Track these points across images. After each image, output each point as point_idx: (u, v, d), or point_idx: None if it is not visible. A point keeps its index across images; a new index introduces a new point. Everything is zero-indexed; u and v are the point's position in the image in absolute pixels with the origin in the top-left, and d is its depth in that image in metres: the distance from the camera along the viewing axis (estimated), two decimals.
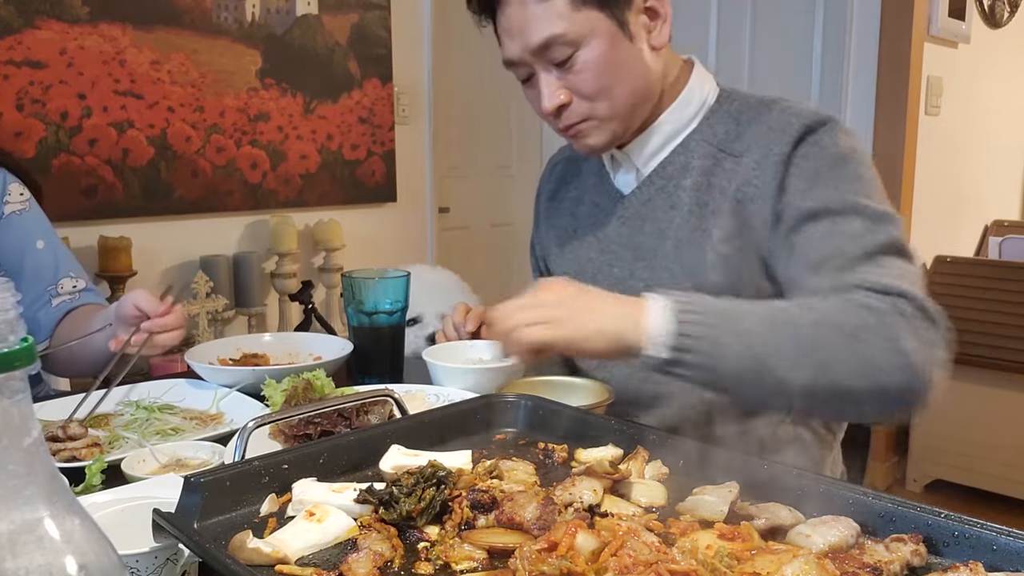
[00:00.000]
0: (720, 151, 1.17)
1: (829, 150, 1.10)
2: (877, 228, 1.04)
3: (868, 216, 1.05)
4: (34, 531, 0.41)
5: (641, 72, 1.15)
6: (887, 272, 1.00)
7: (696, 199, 1.17)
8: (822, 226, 1.06)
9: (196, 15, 2.77)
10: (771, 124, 1.14)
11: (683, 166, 1.20)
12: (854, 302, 0.96)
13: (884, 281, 0.98)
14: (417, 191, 3.52)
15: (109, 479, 0.90)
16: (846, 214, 1.06)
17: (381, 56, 3.28)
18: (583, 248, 1.31)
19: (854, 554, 0.66)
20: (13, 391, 0.42)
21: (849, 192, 1.07)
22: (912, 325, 0.96)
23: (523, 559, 0.63)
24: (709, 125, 1.20)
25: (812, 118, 1.12)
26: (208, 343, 1.45)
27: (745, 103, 1.20)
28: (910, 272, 1.02)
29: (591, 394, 1.13)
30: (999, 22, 3.65)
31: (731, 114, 1.19)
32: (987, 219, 3.88)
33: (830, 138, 1.11)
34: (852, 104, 3.24)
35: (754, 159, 1.13)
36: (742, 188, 1.13)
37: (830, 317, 0.95)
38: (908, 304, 0.97)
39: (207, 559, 0.64)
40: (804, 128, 1.11)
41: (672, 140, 1.22)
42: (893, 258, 1.03)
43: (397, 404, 0.99)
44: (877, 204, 1.07)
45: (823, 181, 1.09)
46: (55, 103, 2.49)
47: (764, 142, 1.13)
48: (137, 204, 2.70)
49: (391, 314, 1.37)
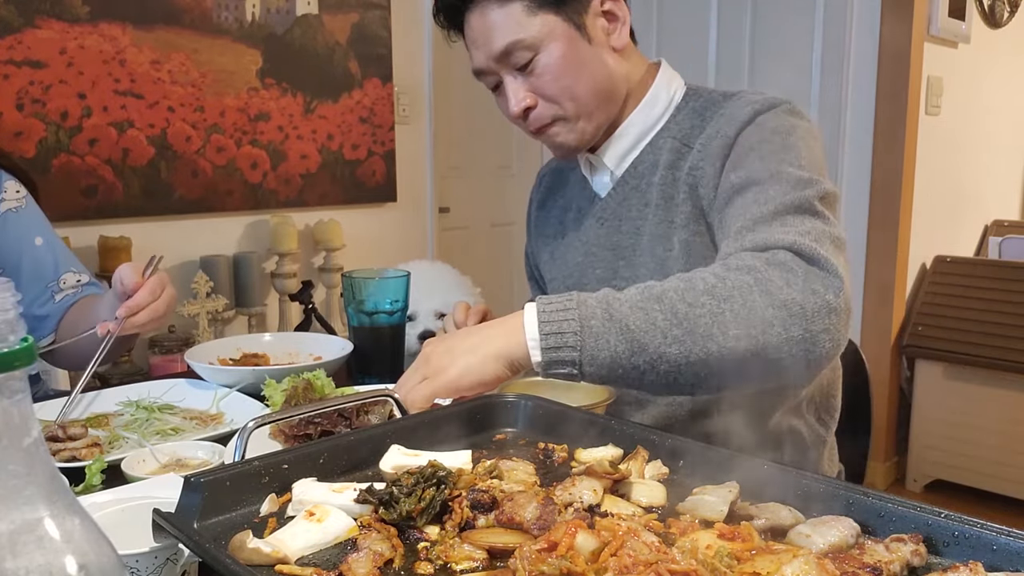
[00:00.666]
0: (683, 144, 1.20)
1: (767, 127, 1.11)
2: (791, 191, 1.01)
3: (788, 181, 1.03)
4: (34, 531, 0.41)
5: (602, 72, 1.18)
6: (785, 230, 0.96)
7: (662, 192, 1.20)
8: (745, 197, 1.06)
9: (196, 15, 2.77)
10: (726, 112, 1.16)
11: (652, 164, 1.23)
12: (731, 266, 0.94)
13: (772, 238, 0.95)
14: (417, 191, 3.52)
15: (109, 479, 0.90)
16: (767, 182, 1.04)
17: (381, 56, 3.28)
18: (570, 253, 1.34)
19: (854, 554, 0.66)
20: (13, 391, 0.42)
21: (774, 161, 1.06)
22: (793, 275, 0.92)
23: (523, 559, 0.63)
24: (676, 122, 1.23)
25: (763, 103, 1.13)
26: (208, 343, 1.45)
27: (709, 98, 1.22)
28: (815, 229, 0.97)
29: (591, 394, 1.13)
30: (999, 22, 3.65)
31: (696, 110, 1.22)
32: (987, 219, 3.89)
33: (774, 118, 1.12)
34: (852, 104, 3.24)
35: (702, 144, 1.16)
36: (691, 172, 1.17)
37: (700, 284, 0.92)
38: (788, 254, 0.94)
39: (207, 559, 0.64)
40: (753, 112, 1.13)
41: (641, 140, 1.25)
42: (800, 216, 0.99)
43: (397, 404, 0.99)
44: (801, 171, 1.04)
45: (753, 155, 1.09)
46: (55, 103, 2.49)
47: (715, 128, 1.16)
48: (137, 204, 2.70)
49: (391, 314, 1.37)
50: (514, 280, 4.17)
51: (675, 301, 0.91)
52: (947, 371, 3.26)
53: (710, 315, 0.90)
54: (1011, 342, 3.08)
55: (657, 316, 0.91)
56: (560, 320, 0.92)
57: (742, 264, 0.93)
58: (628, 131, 1.24)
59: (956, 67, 3.41)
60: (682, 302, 0.91)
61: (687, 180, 1.17)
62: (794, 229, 0.97)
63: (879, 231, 3.26)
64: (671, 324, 0.90)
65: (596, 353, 0.92)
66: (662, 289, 0.93)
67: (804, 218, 0.99)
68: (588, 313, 0.92)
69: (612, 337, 0.91)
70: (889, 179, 3.21)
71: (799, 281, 0.92)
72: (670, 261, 1.19)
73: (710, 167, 1.14)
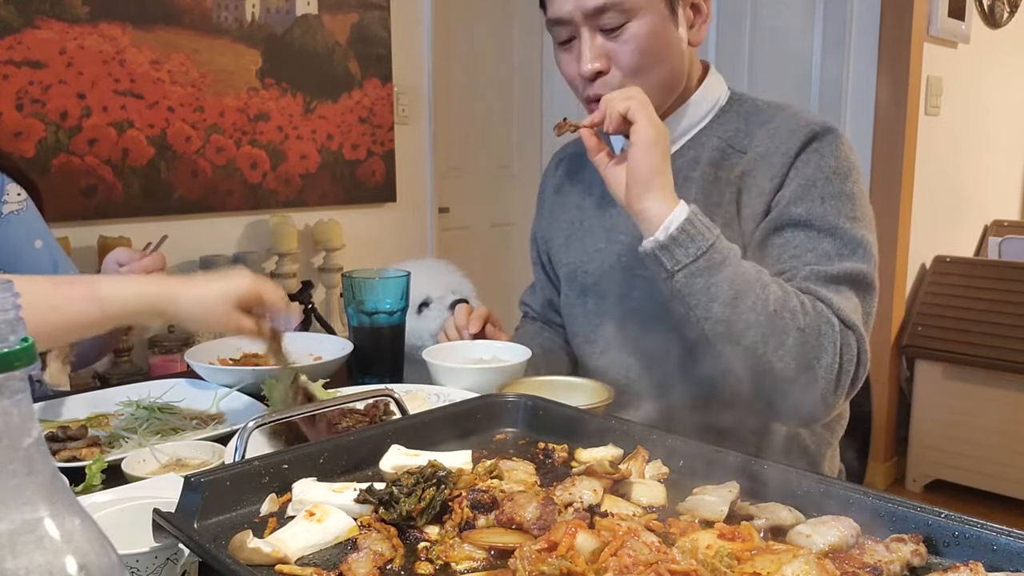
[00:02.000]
0: (729, 146, 1.22)
1: (828, 161, 1.15)
2: (846, 255, 1.11)
3: (843, 240, 1.11)
4: (34, 531, 0.41)
5: (678, 60, 1.19)
6: (845, 303, 1.08)
7: (702, 189, 1.21)
8: (799, 236, 1.13)
9: (196, 15, 2.77)
10: (779, 125, 1.19)
11: (693, 159, 1.24)
12: (818, 309, 1.05)
13: (844, 311, 1.06)
14: (417, 191, 3.52)
15: (109, 479, 0.90)
16: (824, 232, 1.12)
17: (381, 56, 3.28)
18: (589, 238, 1.34)
19: (854, 554, 0.66)
20: (13, 391, 0.42)
21: (833, 210, 1.13)
22: (847, 360, 1.05)
23: (523, 559, 0.63)
24: (720, 123, 1.25)
25: (819, 125, 1.17)
26: (208, 343, 1.45)
27: (755, 106, 1.25)
28: (861, 309, 1.10)
29: (591, 394, 1.13)
30: (999, 22, 3.65)
31: (741, 115, 1.24)
32: (987, 219, 3.88)
33: (831, 149, 1.16)
34: (852, 104, 3.24)
35: (758, 153, 1.18)
36: (743, 178, 1.18)
37: (794, 301, 1.04)
38: (855, 341, 1.06)
39: (207, 559, 0.64)
40: (811, 134, 1.16)
41: (685, 135, 1.26)
42: (851, 290, 1.10)
43: (397, 404, 0.99)
44: (856, 229, 1.13)
45: (814, 192, 1.14)
46: (55, 103, 2.49)
47: (771, 141, 1.18)
48: (137, 204, 2.70)
49: (391, 314, 1.37)
50: (514, 280, 4.17)
51: (770, 298, 1.03)
52: (947, 371, 3.25)
53: (781, 330, 1.02)
54: (1011, 342, 3.08)
55: (751, 297, 1.02)
56: (700, 231, 1.04)
57: (823, 314, 1.05)
58: (674, 124, 1.24)
59: (956, 67, 3.41)
60: (774, 303, 1.03)
61: (735, 183, 1.19)
62: (848, 305, 1.08)
63: (879, 231, 3.25)
64: (755, 311, 1.02)
65: (693, 277, 1.03)
66: (767, 281, 1.04)
67: (854, 293, 1.10)
68: (718, 246, 1.04)
69: (714, 278, 1.02)
70: (889, 179, 3.21)
71: (845, 368, 1.05)
72: None
73: (765, 181, 1.16)
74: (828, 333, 1.03)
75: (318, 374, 1.22)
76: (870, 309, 1.12)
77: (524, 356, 1.27)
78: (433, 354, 1.27)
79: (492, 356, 1.32)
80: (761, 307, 1.01)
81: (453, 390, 1.21)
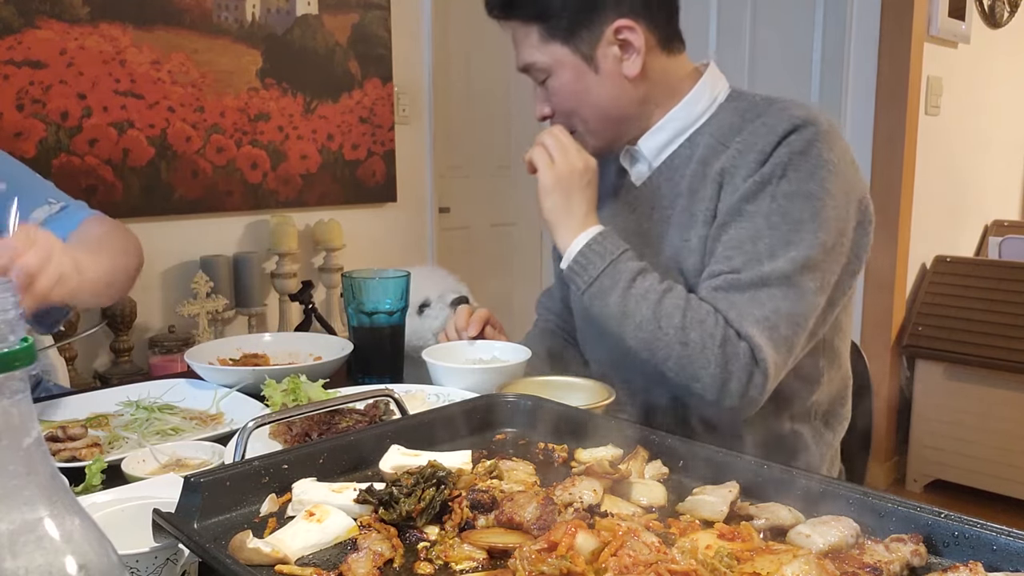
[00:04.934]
0: (719, 143, 1.24)
1: (795, 158, 1.15)
2: (779, 254, 1.13)
3: (781, 240, 1.13)
4: (34, 531, 0.41)
5: (607, 99, 1.25)
6: (756, 309, 1.12)
7: (691, 185, 1.24)
8: (741, 234, 1.16)
9: (196, 15, 2.77)
10: (765, 120, 1.20)
11: (687, 157, 1.26)
12: (708, 325, 1.11)
13: (744, 320, 1.11)
14: (417, 191, 3.52)
15: (109, 479, 0.90)
16: (765, 231, 1.14)
17: (381, 56, 3.28)
18: None
19: (854, 554, 0.66)
20: (13, 391, 0.42)
21: (781, 209, 1.14)
22: (737, 368, 1.11)
23: (523, 559, 0.63)
24: (716, 120, 1.26)
25: (801, 120, 1.17)
26: (208, 343, 1.45)
27: (751, 101, 1.26)
28: (782, 309, 1.12)
29: (591, 394, 1.13)
30: (999, 22, 3.65)
31: (737, 110, 1.25)
32: (987, 219, 3.88)
33: (804, 145, 1.16)
34: (852, 104, 3.24)
35: (738, 149, 1.20)
36: (723, 174, 1.21)
37: (677, 318, 1.13)
38: (746, 350, 1.11)
39: (207, 559, 0.64)
40: (790, 128, 1.16)
41: (681, 135, 1.28)
42: (773, 291, 1.12)
43: (397, 404, 0.99)
44: (801, 230, 1.13)
45: (769, 189, 1.15)
46: (55, 103, 2.49)
47: (752, 136, 1.19)
48: (137, 204, 2.70)
49: (391, 314, 1.37)
50: (514, 280, 4.17)
51: (660, 315, 1.13)
52: (947, 371, 3.25)
53: (665, 345, 1.13)
54: (1011, 342, 3.08)
55: (637, 317, 1.14)
56: (591, 261, 1.18)
57: (708, 328, 1.11)
58: (667, 126, 1.28)
59: (956, 67, 3.41)
60: (660, 320, 1.13)
61: (716, 179, 1.21)
62: (760, 311, 1.12)
63: (879, 231, 3.22)
64: (641, 329, 1.14)
65: (592, 299, 1.18)
66: (659, 299, 1.14)
67: (776, 293, 1.12)
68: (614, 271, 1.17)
69: (605, 301, 1.17)
70: (889, 179, 3.21)
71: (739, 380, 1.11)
72: (685, 252, 1.23)
73: (740, 178, 1.18)
74: (709, 346, 1.10)
75: (318, 374, 1.22)
76: (800, 310, 1.13)
77: (524, 356, 1.27)
78: (433, 354, 1.27)
79: (492, 356, 1.32)
80: (646, 325, 1.13)
81: (453, 390, 1.21)
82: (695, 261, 1.21)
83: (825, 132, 1.16)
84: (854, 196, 1.19)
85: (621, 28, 1.21)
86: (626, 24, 1.21)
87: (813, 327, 1.17)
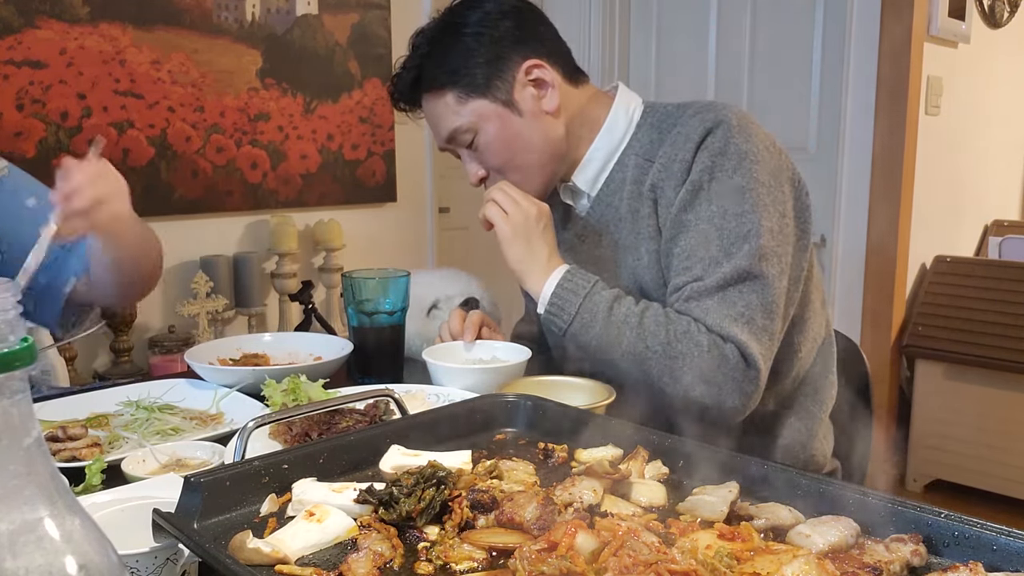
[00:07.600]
0: (644, 160, 1.28)
1: (717, 158, 1.19)
2: (734, 252, 1.16)
3: (730, 238, 1.16)
4: (34, 531, 0.41)
5: (538, 138, 1.29)
6: (729, 309, 1.14)
7: (630, 206, 1.28)
8: (690, 243, 1.19)
9: (196, 15, 2.77)
10: (680, 130, 1.24)
11: (621, 180, 1.31)
12: (692, 334, 1.13)
13: (723, 322, 1.14)
14: (417, 191, 3.52)
15: (109, 479, 0.90)
16: (712, 234, 1.17)
17: (381, 56, 3.28)
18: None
19: (854, 554, 0.66)
20: (13, 391, 0.42)
21: (720, 209, 1.17)
22: (729, 369, 1.12)
23: (523, 559, 0.63)
24: (637, 139, 1.31)
25: (711, 122, 1.21)
26: (208, 343, 1.45)
27: (664, 112, 1.31)
28: (754, 303, 1.15)
29: (591, 394, 1.13)
30: (999, 22, 3.65)
31: (654, 124, 1.30)
32: (987, 219, 3.88)
33: (721, 144, 1.19)
34: (852, 104, 3.24)
35: (662, 163, 1.24)
36: (652, 189, 1.25)
37: (662, 334, 1.14)
38: (733, 349, 1.13)
39: (207, 559, 0.64)
40: (704, 133, 1.21)
41: (609, 161, 1.33)
42: (740, 288, 1.15)
43: (397, 404, 0.99)
44: (743, 223, 1.16)
45: (703, 195, 1.19)
46: (55, 103, 2.49)
47: (672, 148, 1.23)
48: (137, 204, 2.68)
49: (391, 314, 1.37)
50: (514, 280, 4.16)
51: (644, 337, 1.15)
52: (947, 371, 3.25)
53: (652, 363, 1.15)
54: (1011, 342, 3.08)
55: (622, 344, 1.16)
56: (567, 300, 1.19)
57: (692, 337, 1.13)
58: (595, 156, 1.33)
59: (956, 67, 3.41)
60: (645, 341, 1.15)
61: (649, 196, 1.25)
62: (734, 310, 1.14)
63: (879, 231, 3.26)
64: (629, 352, 1.16)
65: (575, 337, 1.20)
66: (638, 320, 1.16)
67: (750, 290, 1.15)
68: (589, 306, 1.18)
69: (587, 336, 1.18)
70: (889, 179, 3.21)
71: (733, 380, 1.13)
72: (640, 270, 1.27)
73: (670, 190, 1.22)
74: (699, 355, 1.12)
75: (318, 374, 1.22)
76: (770, 297, 1.16)
77: (524, 356, 1.27)
78: (433, 354, 1.27)
79: (492, 356, 1.32)
80: (633, 347, 1.15)
81: (453, 390, 1.21)
82: (653, 276, 1.26)
83: (736, 126, 1.20)
84: (784, 176, 1.22)
85: (531, 68, 1.27)
86: (534, 63, 1.27)
87: (784, 309, 1.20)
